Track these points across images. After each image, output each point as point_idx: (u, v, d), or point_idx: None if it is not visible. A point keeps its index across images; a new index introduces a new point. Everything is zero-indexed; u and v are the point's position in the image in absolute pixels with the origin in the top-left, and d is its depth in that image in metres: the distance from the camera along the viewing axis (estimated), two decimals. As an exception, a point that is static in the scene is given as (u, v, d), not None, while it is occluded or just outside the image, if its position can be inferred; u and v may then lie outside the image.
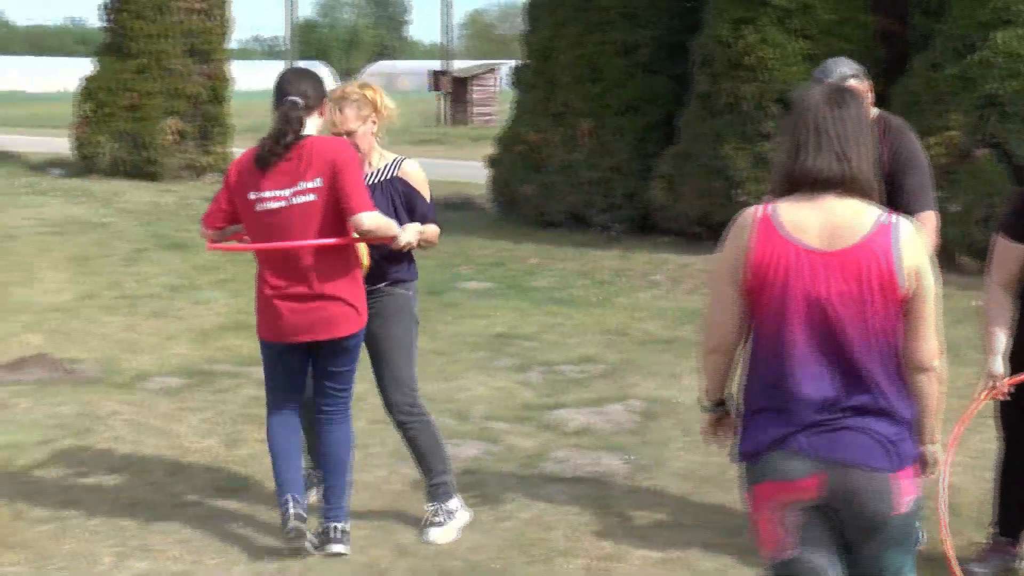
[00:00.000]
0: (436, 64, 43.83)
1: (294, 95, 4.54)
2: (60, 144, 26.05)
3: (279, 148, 4.50)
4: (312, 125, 4.60)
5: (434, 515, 5.05)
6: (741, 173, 12.06)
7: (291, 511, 4.70)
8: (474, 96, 37.99)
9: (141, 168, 20.09)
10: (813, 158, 2.93)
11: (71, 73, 26.27)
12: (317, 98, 4.61)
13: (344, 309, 4.62)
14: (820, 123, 2.95)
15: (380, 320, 4.90)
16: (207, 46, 20.71)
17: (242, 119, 25.07)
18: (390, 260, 4.88)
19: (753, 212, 2.98)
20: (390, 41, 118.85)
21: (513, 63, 15.81)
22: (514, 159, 14.59)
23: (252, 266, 4.87)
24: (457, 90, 37.95)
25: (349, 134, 4.83)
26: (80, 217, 15.60)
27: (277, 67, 42.51)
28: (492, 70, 39.23)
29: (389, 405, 4.98)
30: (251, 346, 8.51)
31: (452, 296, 10.48)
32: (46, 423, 6.64)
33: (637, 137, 13.60)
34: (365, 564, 4.76)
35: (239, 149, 23.27)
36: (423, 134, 32.40)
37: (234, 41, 21.63)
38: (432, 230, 4.88)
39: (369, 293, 4.83)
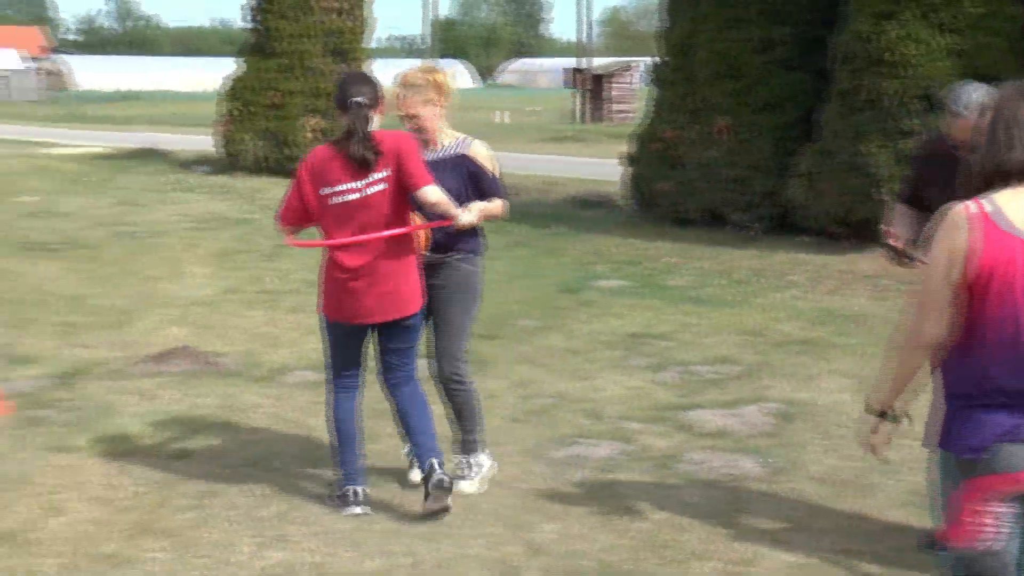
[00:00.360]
0: (574, 61, 43.80)
1: (358, 97, 5.04)
2: (206, 142, 26.87)
3: (371, 144, 4.99)
4: (375, 121, 5.09)
5: (460, 466, 5.59)
6: (882, 171, 11.75)
7: (358, 498, 5.27)
8: (612, 93, 37.86)
9: (283, 165, 20.56)
10: (1020, 151, 2.99)
11: (218, 73, 27.05)
12: (375, 98, 5.10)
13: (410, 290, 5.13)
14: (1020, 117, 3.01)
15: (444, 293, 5.34)
16: (347, 45, 21.11)
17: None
18: (457, 232, 5.21)
19: (964, 210, 2.99)
20: (528, 39, 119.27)
21: (651, 60, 15.68)
22: (651, 156, 14.49)
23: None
24: (595, 87, 37.88)
25: (413, 117, 5.29)
26: (224, 213, 16.05)
27: (415, 65, 42.85)
28: (629, 67, 39.04)
29: (439, 373, 5.46)
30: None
31: (587, 294, 10.46)
32: (190, 414, 6.84)
33: (776, 134, 13.37)
34: (498, 560, 4.78)
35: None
36: (560, 131, 32.43)
37: (373, 40, 21.98)
38: (495, 205, 5.24)
39: (436, 264, 5.31)
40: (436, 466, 5.12)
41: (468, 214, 5.07)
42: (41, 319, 9.39)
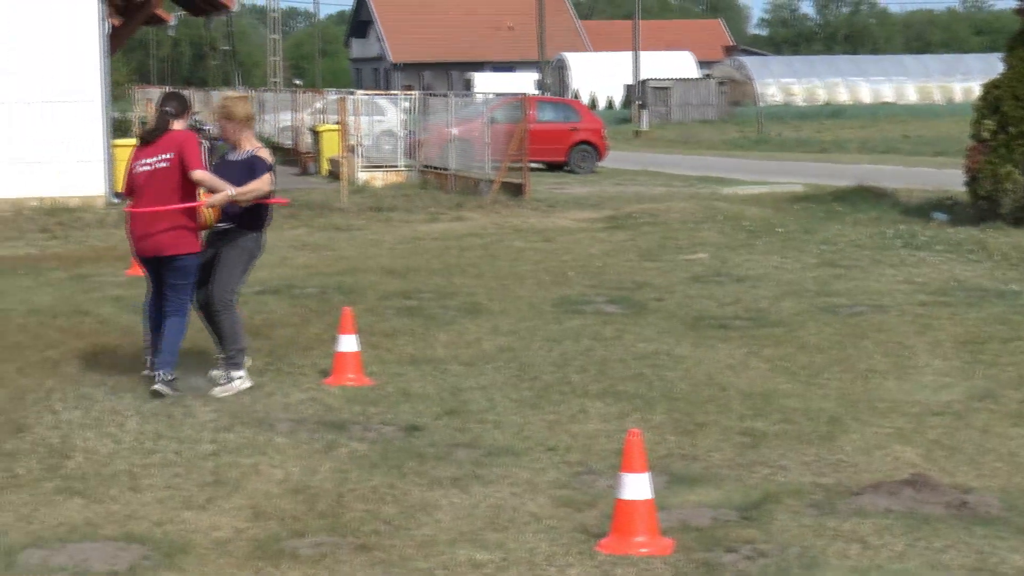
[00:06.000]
0: None
1: (167, 107, 10.96)
2: (947, 178, 27.10)
3: (152, 136, 10.88)
4: (179, 124, 10.94)
5: (219, 379, 10.89)
6: None
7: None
8: None
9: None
10: None
11: (967, 76, 27.36)
12: (181, 109, 11.03)
13: (175, 239, 10.68)
14: None
15: (223, 247, 10.94)
16: None
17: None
18: (236, 213, 10.87)
19: None
20: None
21: None
22: None
23: None
24: None
25: (221, 129, 11.22)
26: (973, 282, 16.03)
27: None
28: None
29: (210, 299, 10.89)
30: None
31: None
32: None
33: None
34: None
35: None
36: None
37: None
38: (253, 185, 10.80)
39: (220, 232, 10.97)
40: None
41: (232, 190, 10.63)
42: (716, 423, 9.92)
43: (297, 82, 71.07)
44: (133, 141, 27.60)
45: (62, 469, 8.82)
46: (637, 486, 7.26)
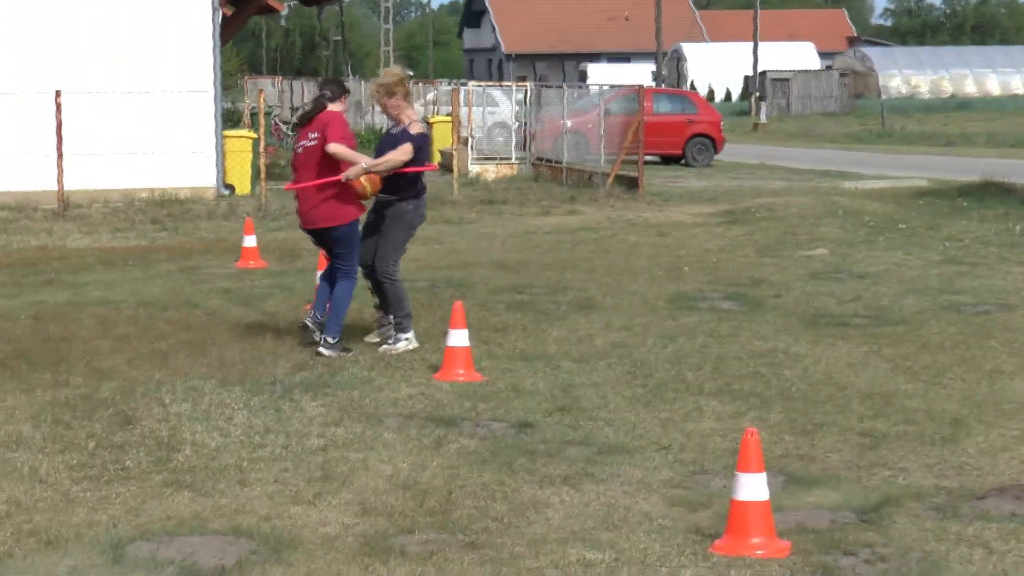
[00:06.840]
0: None
1: (324, 90, 12.19)
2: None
3: (307, 118, 12.17)
4: (335, 107, 12.05)
5: (390, 338, 12.13)
6: None
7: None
8: None
9: None
10: None
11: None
12: (338, 93, 12.17)
13: (327, 212, 11.98)
14: None
15: (385, 218, 12.14)
16: None
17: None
18: (392, 184, 12.01)
19: None
20: None
21: None
22: None
23: None
24: None
25: (382, 104, 12.26)
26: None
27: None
28: None
29: (374, 269, 12.12)
30: None
31: None
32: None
33: None
34: None
35: None
36: None
37: None
38: (388, 156, 11.88)
39: (386, 202, 12.12)
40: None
41: (366, 162, 11.83)
42: (835, 423, 9.83)
43: (409, 72, 71.50)
44: (244, 132, 28.91)
45: (170, 462, 8.91)
46: (753, 486, 7.20)
